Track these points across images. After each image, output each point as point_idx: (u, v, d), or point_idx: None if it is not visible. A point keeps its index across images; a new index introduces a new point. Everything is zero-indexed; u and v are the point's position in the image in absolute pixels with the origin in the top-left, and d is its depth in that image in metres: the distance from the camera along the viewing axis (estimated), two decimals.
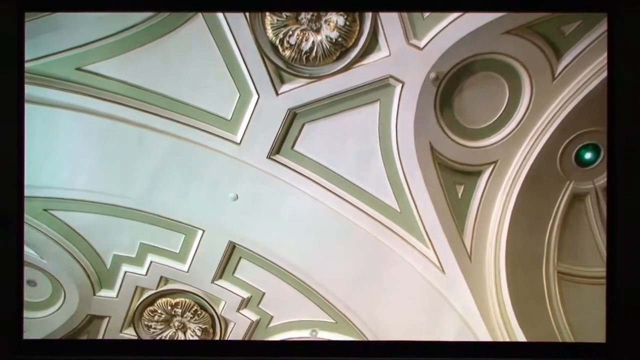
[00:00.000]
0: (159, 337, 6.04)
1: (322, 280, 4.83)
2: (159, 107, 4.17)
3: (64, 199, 4.71)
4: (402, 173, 4.22)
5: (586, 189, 4.44)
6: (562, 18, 3.63)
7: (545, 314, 4.29)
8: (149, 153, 4.37)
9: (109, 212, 4.82)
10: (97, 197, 4.69)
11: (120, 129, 4.23)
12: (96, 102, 4.12)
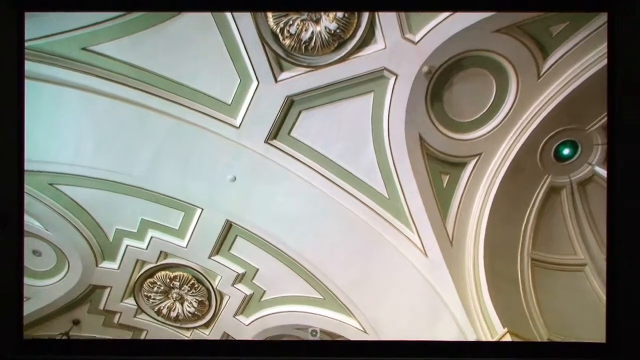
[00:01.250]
0: (158, 308, 6.11)
1: (313, 259, 4.83)
2: (161, 89, 4.05)
3: (69, 174, 4.59)
4: (392, 161, 4.18)
5: (562, 182, 4.50)
6: (550, 19, 3.55)
7: (517, 296, 4.33)
8: (151, 133, 4.26)
9: (112, 189, 4.74)
10: (100, 173, 4.59)
11: (123, 109, 4.10)
12: (101, 82, 3.98)
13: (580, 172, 4.42)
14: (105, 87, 3.99)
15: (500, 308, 3.89)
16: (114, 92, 4.02)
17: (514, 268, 4.45)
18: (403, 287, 4.44)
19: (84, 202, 4.88)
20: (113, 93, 4.02)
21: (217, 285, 5.53)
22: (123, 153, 4.46)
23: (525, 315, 4.19)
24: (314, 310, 5.23)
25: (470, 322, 3.89)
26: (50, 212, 4.84)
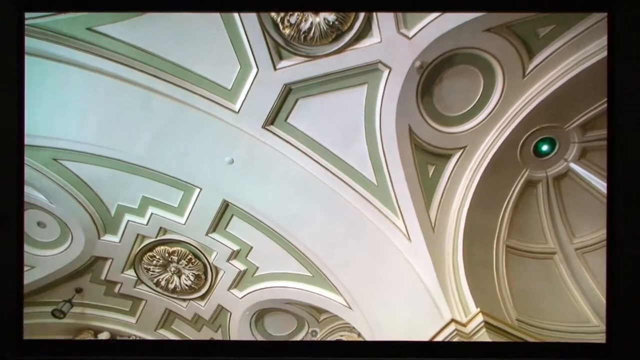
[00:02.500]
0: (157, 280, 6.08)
1: (304, 239, 4.80)
2: (164, 71, 3.90)
3: (73, 150, 4.44)
4: (382, 151, 4.13)
5: (539, 177, 4.50)
6: (538, 21, 3.48)
7: (491, 280, 4.36)
8: (153, 114, 4.11)
9: (115, 166, 4.61)
10: (103, 151, 4.44)
11: (126, 89, 3.95)
12: (105, 62, 3.81)
13: (556, 168, 4.43)
14: (109, 67, 3.83)
15: (474, 290, 3.91)
16: (118, 72, 3.86)
17: (490, 254, 4.48)
18: (387, 268, 4.44)
19: (87, 178, 4.75)
20: (117, 74, 3.87)
21: (213, 261, 5.49)
22: (126, 132, 4.32)
23: (497, 297, 4.23)
24: (303, 287, 5.24)
25: (447, 302, 3.88)
26: (54, 186, 4.70)
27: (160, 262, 5.64)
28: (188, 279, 5.74)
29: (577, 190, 4.50)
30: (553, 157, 4.35)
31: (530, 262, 4.58)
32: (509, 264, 4.49)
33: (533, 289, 4.42)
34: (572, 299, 4.43)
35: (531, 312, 4.26)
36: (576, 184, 4.48)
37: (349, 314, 4.88)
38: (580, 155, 4.31)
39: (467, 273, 4.05)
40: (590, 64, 3.56)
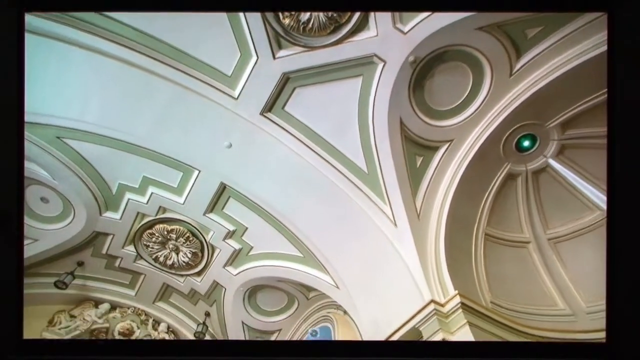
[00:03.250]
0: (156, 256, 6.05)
1: (297, 222, 4.80)
2: (166, 56, 3.79)
3: (76, 129, 4.33)
4: (374, 141, 4.11)
5: (519, 170, 4.52)
6: (528, 21, 3.45)
7: (469, 265, 4.41)
8: (155, 97, 4.02)
9: (117, 146, 4.52)
10: (105, 131, 4.35)
11: (129, 72, 3.85)
12: (109, 44, 3.69)
13: (535, 163, 4.45)
14: (112, 49, 3.71)
15: (453, 274, 3.94)
16: (121, 54, 3.74)
17: (469, 241, 4.52)
18: (373, 251, 4.46)
19: (89, 157, 4.66)
20: (120, 55, 3.75)
21: (209, 239, 5.49)
22: (127, 114, 4.23)
23: (474, 281, 4.28)
24: (294, 266, 5.27)
25: (427, 284, 3.90)
26: (57, 163, 4.61)
27: (159, 240, 5.62)
28: (185, 256, 5.75)
29: (554, 184, 4.54)
30: (533, 152, 4.37)
31: (506, 250, 4.64)
32: (486, 250, 4.54)
33: (507, 275, 4.49)
34: (542, 284, 4.51)
35: (504, 296, 4.31)
36: (553, 178, 4.52)
37: (336, 293, 4.92)
38: (559, 152, 4.34)
39: (447, 258, 4.08)
40: (572, 66, 3.56)
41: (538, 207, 4.65)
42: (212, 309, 6.35)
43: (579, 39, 3.46)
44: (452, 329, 3.40)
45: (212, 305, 6.32)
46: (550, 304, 4.37)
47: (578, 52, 3.51)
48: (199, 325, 6.43)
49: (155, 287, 6.42)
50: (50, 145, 4.50)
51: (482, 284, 4.30)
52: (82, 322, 6.20)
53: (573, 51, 3.52)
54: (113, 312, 6.50)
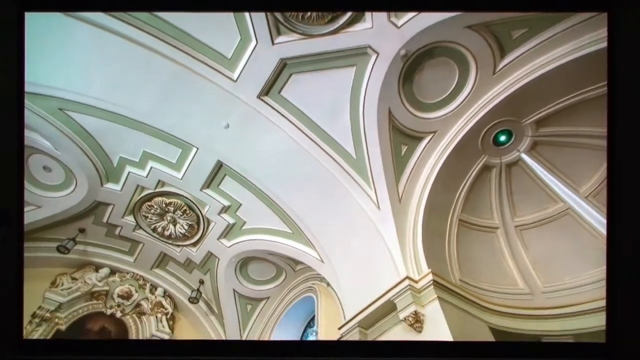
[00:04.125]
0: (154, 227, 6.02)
1: (288, 201, 4.81)
2: (168, 35, 3.65)
3: (78, 102, 4.18)
4: (363, 128, 4.09)
5: (495, 163, 4.55)
6: (514, 23, 3.40)
7: (442, 247, 4.48)
8: (156, 75, 3.89)
9: (118, 121, 4.39)
10: (107, 106, 4.21)
11: (131, 49, 3.70)
12: (113, 21, 3.53)
13: (509, 157, 4.48)
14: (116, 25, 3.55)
15: (428, 254, 3.99)
16: (124, 31, 3.59)
17: (445, 225, 4.58)
18: (356, 230, 4.50)
19: (91, 130, 4.53)
20: (123, 32, 3.60)
21: (205, 213, 5.48)
22: (129, 90, 4.08)
23: (445, 261, 4.36)
24: (283, 241, 5.31)
25: (404, 262, 3.95)
26: (59, 135, 4.47)
27: (158, 212, 5.58)
28: (182, 227, 5.74)
29: (524, 177, 4.59)
30: (508, 147, 4.39)
31: (476, 234, 4.71)
32: (459, 234, 4.61)
33: (476, 256, 4.58)
34: (506, 266, 4.62)
35: (472, 275, 4.40)
36: (524, 171, 4.56)
37: (321, 267, 4.99)
38: (531, 148, 4.36)
39: (424, 239, 4.13)
40: (551, 68, 3.55)
41: (508, 197, 4.71)
42: (206, 277, 6.42)
43: (560, 42, 3.45)
44: (423, 302, 3.48)
45: (206, 273, 6.38)
46: (511, 284, 4.47)
47: (557, 55, 3.50)
48: (193, 291, 6.51)
49: (153, 255, 6.43)
50: (53, 117, 4.35)
51: (453, 263, 4.38)
52: (83, 285, 6.20)
53: (553, 54, 3.51)
54: (112, 276, 6.51)
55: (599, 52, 3.25)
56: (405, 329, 3.38)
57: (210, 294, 6.58)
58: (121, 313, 6.37)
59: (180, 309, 6.95)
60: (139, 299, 6.58)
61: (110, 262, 6.47)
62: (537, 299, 4.30)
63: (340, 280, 4.57)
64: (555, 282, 4.35)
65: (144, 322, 6.47)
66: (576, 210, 4.41)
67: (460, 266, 4.40)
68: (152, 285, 6.80)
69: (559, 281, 4.33)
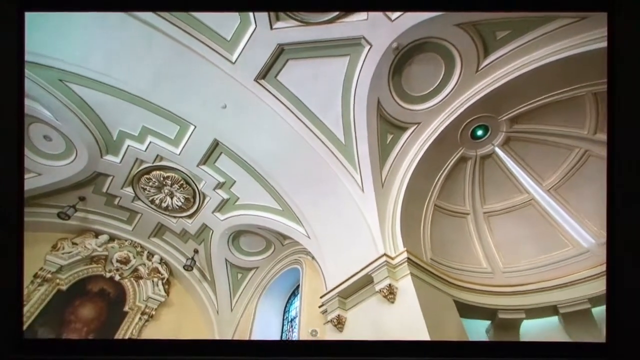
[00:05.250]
0: (152, 199, 5.91)
1: (279, 180, 4.76)
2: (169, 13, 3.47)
3: (78, 74, 3.94)
4: (353, 116, 4.02)
5: (471, 155, 4.58)
6: (498, 24, 3.34)
7: (418, 229, 4.55)
8: (156, 52, 3.68)
9: (118, 95, 4.18)
10: (107, 79, 3.98)
11: (132, 24, 3.49)
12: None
13: (484, 150, 4.51)
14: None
15: (404, 235, 4.07)
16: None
17: (421, 210, 4.63)
18: (341, 210, 4.52)
19: (91, 102, 4.30)
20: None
21: (201, 188, 5.39)
22: (129, 65, 3.86)
23: (420, 241, 4.45)
24: (273, 217, 5.29)
25: (383, 240, 4.02)
26: (59, 105, 4.24)
27: (156, 184, 5.46)
28: (179, 200, 5.65)
29: (495, 169, 4.63)
30: (484, 140, 4.41)
31: (449, 219, 4.79)
32: (433, 218, 4.67)
33: (447, 238, 4.67)
34: (472, 248, 4.73)
35: (442, 255, 4.50)
36: (496, 164, 4.61)
37: (307, 242, 5.03)
38: (504, 142, 4.40)
39: (401, 221, 4.20)
40: (529, 69, 3.52)
41: (480, 186, 4.77)
42: (200, 247, 6.40)
43: (539, 45, 3.41)
44: (397, 277, 3.57)
45: (201, 244, 6.36)
46: (476, 263, 4.60)
47: (536, 58, 3.47)
48: (188, 259, 6.50)
49: (150, 225, 6.35)
50: (53, 87, 4.11)
51: (426, 244, 4.46)
52: (83, 249, 6.10)
53: (532, 56, 3.48)
54: (112, 242, 6.41)
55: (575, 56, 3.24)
56: (380, 299, 3.50)
57: (203, 263, 6.59)
58: (120, 276, 6.33)
59: (175, 274, 6.96)
60: (136, 264, 6.54)
61: (110, 229, 6.35)
62: (497, 278, 4.46)
63: (324, 255, 4.62)
64: (514, 263, 4.52)
65: (141, 286, 6.46)
66: (538, 202, 4.54)
67: (432, 246, 4.50)
68: (149, 252, 6.75)
69: (517, 263, 4.50)
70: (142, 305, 6.25)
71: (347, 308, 3.89)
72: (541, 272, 4.31)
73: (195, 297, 6.91)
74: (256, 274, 6.67)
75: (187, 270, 6.62)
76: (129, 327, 5.91)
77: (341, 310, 3.85)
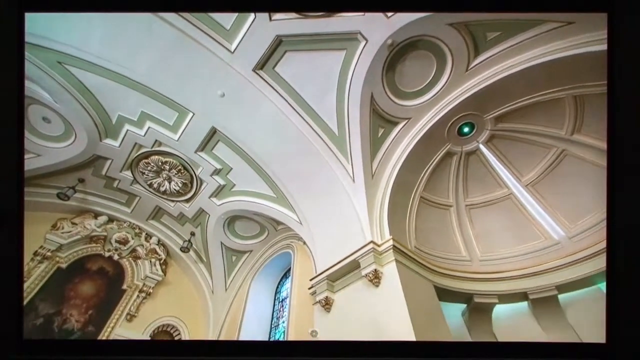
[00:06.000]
0: (150, 182, 5.82)
1: (274, 168, 4.72)
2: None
3: (77, 57, 3.78)
4: (347, 109, 3.98)
5: (456, 150, 4.58)
6: (489, 25, 3.30)
7: (404, 219, 4.59)
8: (156, 38, 3.55)
9: (117, 80, 4.03)
10: (106, 64, 3.84)
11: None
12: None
13: (469, 146, 4.52)
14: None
15: (391, 224, 4.11)
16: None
17: (408, 201, 4.66)
18: (333, 199, 4.52)
19: (90, 86, 4.16)
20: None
21: (198, 174, 5.32)
22: (128, 50, 3.72)
23: (405, 230, 4.50)
24: (268, 204, 5.28)
25: (371, 229, 4.04)
26: (58, 88, 4.08)
27: (154, 169, 5.36)
28: (177, 185, 5.57)
29: (479, 164, 4.68)
30: (470, 137, 4.42)
31: (433, 210, 4.84)
32: (419, 209, 4.72)
33: (430, 228, 4.73)
34: (453, 237, 4.81)
35: (426, 243, 4.57)
36: (479, 160, 4.64)
37: (299, 228, 5.04)
38: (488, 140, 4.42)
39: (389, 211, 4.22)
40: (516, 71, 3.51)
41: (464, 181, 4.81)
42: (197, 230, 6.37)
43: (526, 48, 3.40)
44: (383, 263, 3.61)
45: (197, 227, 6.33)
46: (456, 252, 4.69)
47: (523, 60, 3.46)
48: (185, 241, 6.47)
49: (148, 208, 6.26)
50: (52, 70, 3.95)
51: (410, 233, 4.51)
52: (83, 229, 6.00)
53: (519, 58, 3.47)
54: (110, 224, 6.31)
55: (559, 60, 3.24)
56: (366, 283, 3.55)
57: (200, 245, 6.58)
58: (118, 256, 6.28)
59: (172, 255, 6.94)
60: (134, 245, 6.48)
61: (109, 211, 6.25)
62: (474, 265, 4.57)
63: (315, 240, 4.64)
64: (490, 252, 4.63)
65: (139, 265, 6.43)
66: (517, 196, 4.62)
67: (417, 235, 4.56)
68: (147, 234, 6.69)
69: (493, 252, 4.61)
70: (140, 283, 6.24)
71: (335, 290, 3.94)
72: (515, 261, 4.44)
73: (191, 277, 6.93)
74: (250, 256, 6.69)
75: (184, 252, 6.61)
76: (127, 304, 5.91)
77: (329, 292, 3.90)
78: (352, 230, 4.16)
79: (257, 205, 5.37)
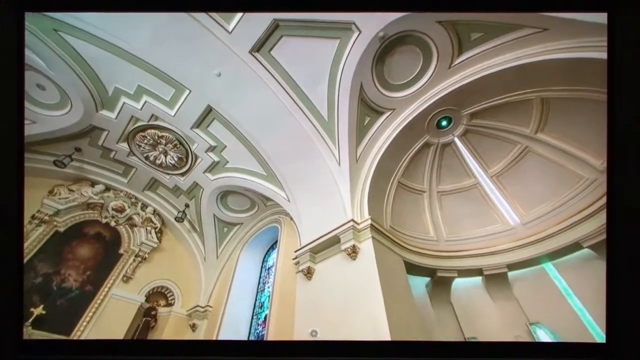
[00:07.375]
0: (146, 155, 5.62)
1: (266, 148, 4.64)
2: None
3: (73, 26, 3.49)
4: (337, 97, 3.90)
5: (434, 142, 4.62)
6: (473, 25, 3.25)
7: (382, 201, 4.65)
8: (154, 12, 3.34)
9: (114, 52, 3.76)
10: (103, 34, 3.57)
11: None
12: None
13: (446, 138, 4.57)
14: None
15: (370, 205, 4.18)
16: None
17: (387, 185, 4.72)
18: (319, 180, 4.53)
19: (86, 56, 3.86)
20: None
21: (194, 149, 5.17)
22: (126, 23, 3.47)
23: (382, 212, 4.58)
24: (258, 181, 5.24)
25: (352, 208, 4.10)
26: (53, 55, 3.78)
27: (151, 142, 5.17)
28: (172, 159, 5.41)
29: (452, 155, 4.75)
30: (446, 130, 4.45)
31: (408, 194, 4.93)
32: (396, 193, 4.80)
33: (404, 210, 4.83)
34: (424, 219, 4.95)
35: (399, 224, 4.67)
36: (453, 151, 4.71)
37: (287, 205, 5.06)
38: (463, 134, 4.47)
39: (369, 194, 4.28)
40: (494, 71, 3.51)
41: (437, 169, 4.89)
42: (191, 202, 6.29)
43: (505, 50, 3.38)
44: (360, 239, 3.71)
45: (192, 199, 6.24)
46: (426, 232, 4.85)
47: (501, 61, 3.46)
48: (179, 212, 6.39)
49: (144, 179, 6.09)
50: (47, 37, 3.63)
51: (387, 214, 4.61)
52: (80, 196, 5.79)
53: (497, 59, 3.46)
54: (107, 192, 6.11)
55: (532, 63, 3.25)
56: (344, 257, 3.66)
57: (193, 216, 6.52)
58: (115, 223, 6.15)
59: (167, 224, 6.86)
60: (131, 213, 6.35)
61: (105, 180, 6.04)
62: (440, 244, 4.75)
63: (301, 216, 4.68)
64: (455, 234, 4.83)
65: (136, 233, 6.34)
66: (482, 186, 4.78)
67: (392, 216, 4.66)
68: (143, 204, 6.55)
69: (457, 234, 4.81)
70: (136, 249, 6.18)
71: (317, 261, 4.04)
72: (474, 242, 4.67)
73: (185, 245, 6.91)
74: (240, 228, 6.72)
75: (178, 222, 6.54)
76: (124, 267, 5.87)
77: (311, 263, 4.01)
78: (335, 209, 4.22)
79: (249, 182, 5.33)
